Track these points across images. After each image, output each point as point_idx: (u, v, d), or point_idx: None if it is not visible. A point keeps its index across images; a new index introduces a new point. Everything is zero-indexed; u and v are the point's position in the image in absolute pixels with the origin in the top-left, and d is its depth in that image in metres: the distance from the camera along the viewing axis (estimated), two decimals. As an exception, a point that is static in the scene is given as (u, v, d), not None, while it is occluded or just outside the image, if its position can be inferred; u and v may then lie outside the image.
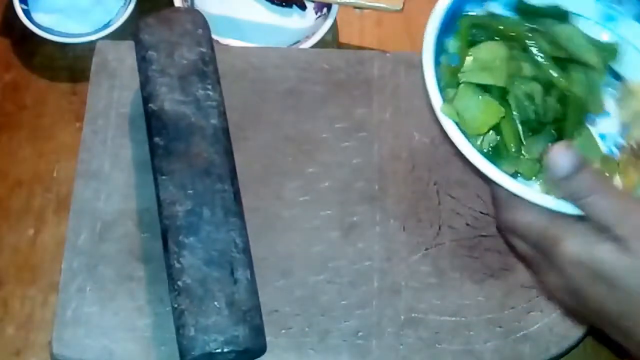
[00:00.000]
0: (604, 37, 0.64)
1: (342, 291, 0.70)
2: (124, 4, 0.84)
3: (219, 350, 0.62)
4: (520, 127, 0.59)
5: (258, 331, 0.64)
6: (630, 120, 0.63)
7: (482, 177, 0.57)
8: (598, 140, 0.61)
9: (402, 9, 0.80)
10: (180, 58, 0.71)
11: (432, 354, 0.67)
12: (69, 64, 0.83)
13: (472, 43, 0.60)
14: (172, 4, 0.83)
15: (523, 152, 0.58)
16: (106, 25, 0.83)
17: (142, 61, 0.72)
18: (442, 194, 0.73)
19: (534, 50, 0.60)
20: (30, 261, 0.74)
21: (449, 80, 0.59)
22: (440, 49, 0.59)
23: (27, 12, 0.83)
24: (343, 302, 0.69)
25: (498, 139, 0.58)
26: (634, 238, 0.51)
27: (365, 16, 0.87)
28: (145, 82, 0.71)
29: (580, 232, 0.53)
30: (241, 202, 0.69)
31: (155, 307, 0.68)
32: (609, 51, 0.63)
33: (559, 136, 0.59)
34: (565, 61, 0.61)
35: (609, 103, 0.63)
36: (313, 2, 0.85)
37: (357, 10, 0.85)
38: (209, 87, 0.71)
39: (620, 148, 0.62)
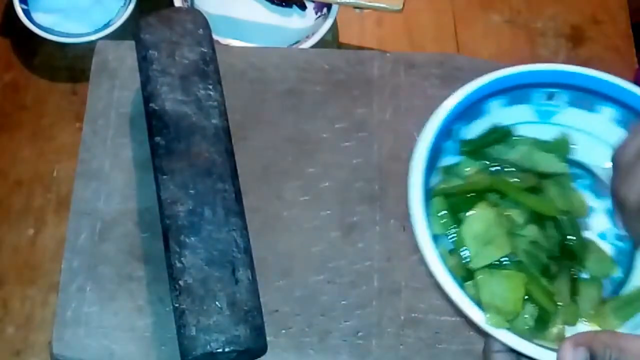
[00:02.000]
0: (551, 133, 0.63)
1: (342, 291, 0.70)
2: (124, 4, 0.84)
3: (220, 350, 0.62)
4: (544, 281, 0.57)
5: (259, 331, 0.64)
6: None
7: None
8: (601, 244, 0.61)
9: (402, 9, 0.80)
10: (181, 58, 0.71)
11: (432, 354, 0.67)
12: (69, 64, 0.83)
13: (455, 212, 0.58)
14: (172, 4, 0.83)
15: (558, 302, 0.57)
16: (106, 25, 0.83)
17: (143, 61, 0.72)
18: (442, 194, 0.73)
19: (510, 192, 0.59)
20: (30, 261, 0.74)
21: (461, 271, 0.57)
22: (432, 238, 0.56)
23: (27, 12, 0.83)
24: (343, 302, 0.69)
25: (533, 306, 0.56)
26: None
27: (365, 16, 0.87)
28: (146, 81, 0.71)
29: None
30: (242, 201, 0.69)
31: (155, 307, 0.68)
32: (562, 146, 0.62)
33: (571, 260, 0.59)
34: (536, 187, 0.60)
35: (587, 196, 0.62)
36: (313, 2, 0.85)
37: (357, 10, 0.85)
38: (210, 86, 0.71)
39: (622, 238, 0.61)
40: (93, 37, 0.82)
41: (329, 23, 0.83)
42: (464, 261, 0.57)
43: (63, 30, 0.84)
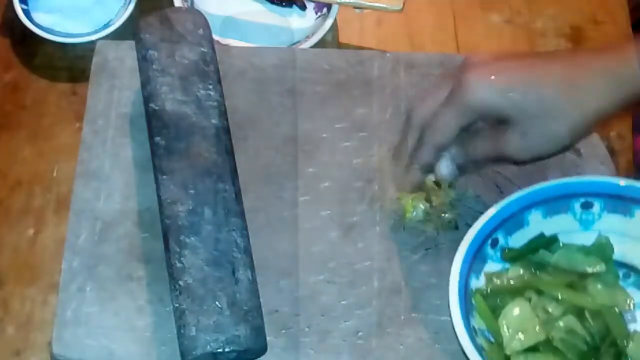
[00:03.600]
0: (593, 239, 0.69)
1: (342, 291, 0.70)
2: (124, 4, 0.84)
3: (220, 350, 0.62)
4: None
5: (259, 331, 0.64)
6: None
7: None
8: None
9: (402, 9, 0.80)
10: (181, 58, 0.71)
11: (432, 354, 0.67)
12: (69, 64, 0.83)
13: (493, 311, 0.65)
14: (172, 3, 0.83)
15: None
16: (106, 25, 0.83)
17: (143, 61, 0.72)
18: (442, 194, 0.73)
19: (546, 288, 0.65)
20: (30, 261, 0.74)
21: (499, 358, 0.63)
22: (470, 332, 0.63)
23: (27, 12, 0.83)
24: (343, 302, 0.69)
25: None
26: None
27: (365, 16, 0.87)
28: (146, 81, 0.71)
29: None
30: (242, 201, 0.69)
31: (155, 307, 0.68)
32: (603, 247, 0.68)
33: (614, 349, 0.63)
34: (576, 284, 0.66)
35: (633, 292, 0.67)
36: (313, 2, 0.85)
37: (357, 10, 0.85)
38: (210, 86, 0.71)
39: None
40: (93, 37, 0.81)
41: (329, 23, 0.83)
42: (502, 348, 0.63)
43: (63, 30, 0.83)
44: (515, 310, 0.64)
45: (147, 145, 0.71)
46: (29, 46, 0.84)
